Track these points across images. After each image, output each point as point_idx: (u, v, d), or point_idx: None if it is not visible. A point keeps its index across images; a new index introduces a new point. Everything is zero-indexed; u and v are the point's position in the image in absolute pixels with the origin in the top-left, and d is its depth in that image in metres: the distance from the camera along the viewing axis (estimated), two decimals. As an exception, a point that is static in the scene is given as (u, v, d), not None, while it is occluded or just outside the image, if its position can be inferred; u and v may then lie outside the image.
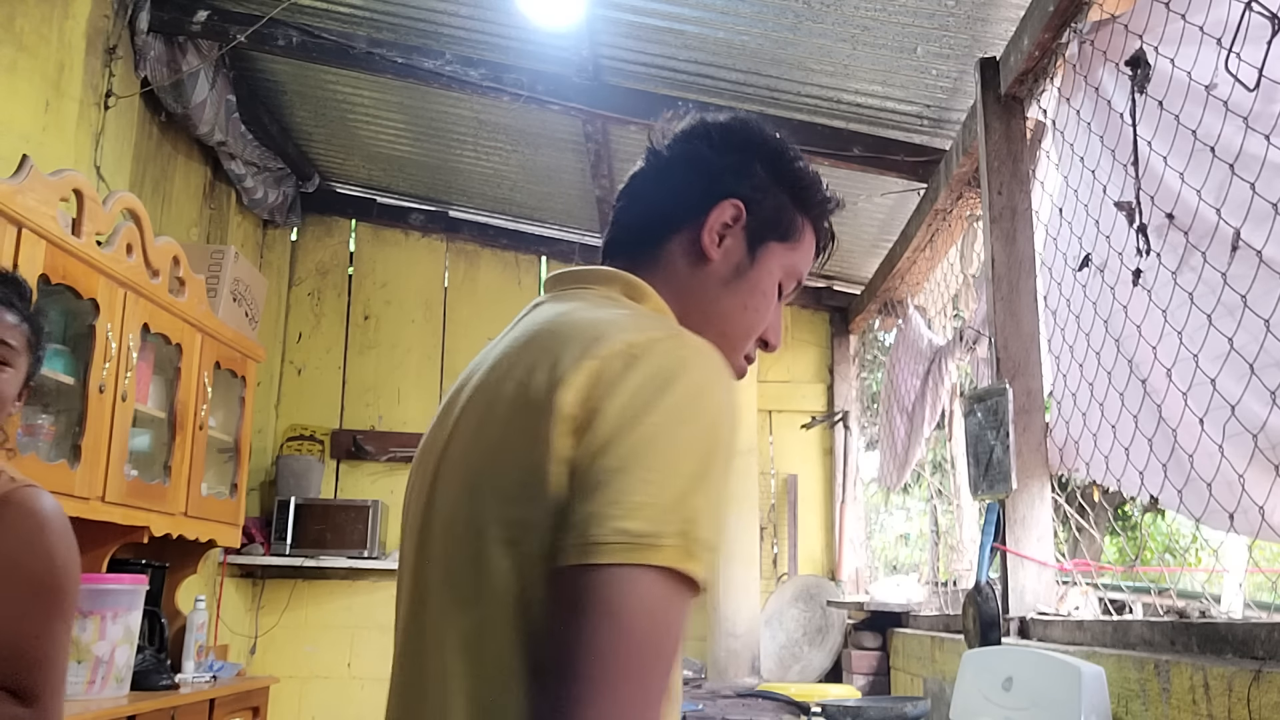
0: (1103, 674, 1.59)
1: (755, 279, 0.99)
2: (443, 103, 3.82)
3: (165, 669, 2.98)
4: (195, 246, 3.78)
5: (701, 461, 0.75)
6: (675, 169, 1.01)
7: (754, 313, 0.99)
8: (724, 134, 1.02)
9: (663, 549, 0.71)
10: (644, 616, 0.70)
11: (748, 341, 1.01)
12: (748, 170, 1.00)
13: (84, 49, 3.10)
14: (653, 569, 0.71)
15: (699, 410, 0.76)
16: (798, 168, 1.02)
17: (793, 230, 1.01)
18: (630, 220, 1.02)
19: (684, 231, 0.98)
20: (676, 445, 0.74)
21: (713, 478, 0.75)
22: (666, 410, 0.75)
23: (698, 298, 0.97)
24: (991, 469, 2.21)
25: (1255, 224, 1.45)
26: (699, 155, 1.01)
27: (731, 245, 0.98)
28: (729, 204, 0.98)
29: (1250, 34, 1.46)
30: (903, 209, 3.60)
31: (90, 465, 2.61)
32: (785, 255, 1.01)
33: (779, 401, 4.76)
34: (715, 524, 0.75)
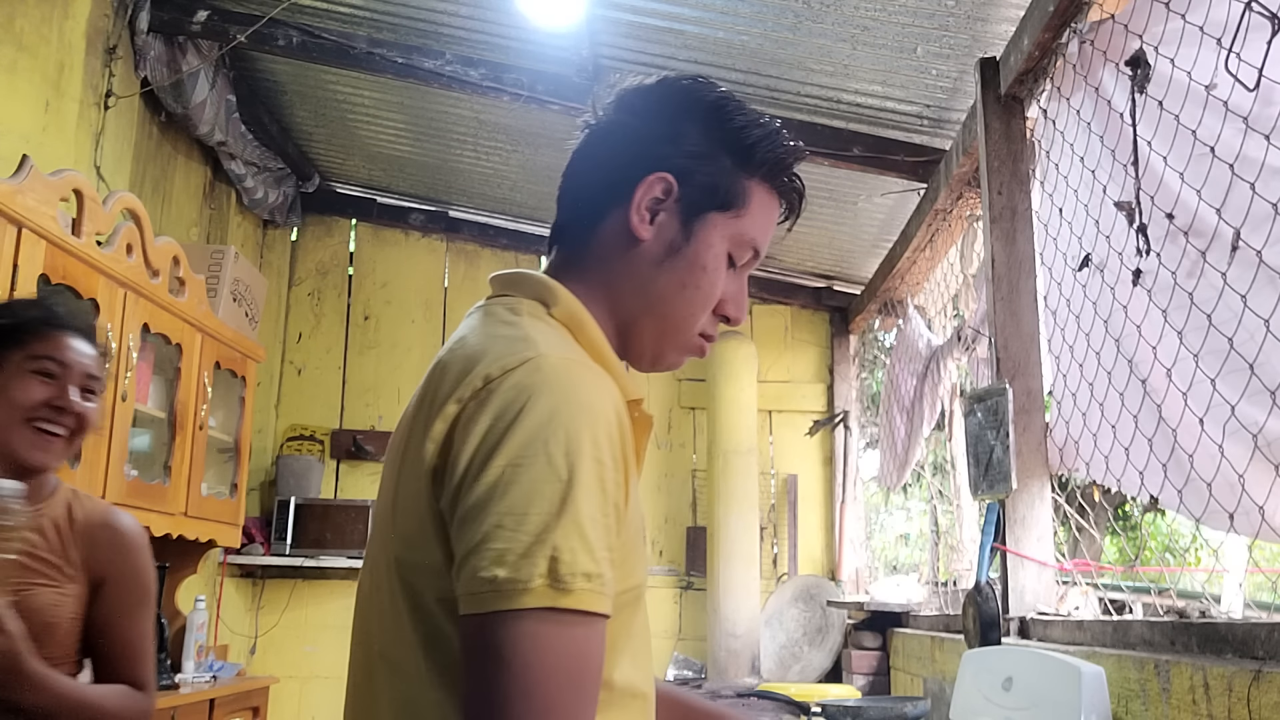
0: (1103, 674, 1.59)
1: (694, 255, 0.92)
2: (443, 103, 3.82)
3: (165, 669, 2.98)
4: (195, 246, 3.78)
5: (560, 491, 0.73)
6: (603, 145, 0.96)
7: (695, 290, 0.93)
8: (650, 100, 0.95)
9: (531, 591, 0.71)
10: (534, 657, 0.71)
11: (695, 321, 0.94)
12: (678, 137, 0.93)
13: (84, 49, 3.10)
14: (531, 611, 0.71)
15: (549, 440, 0.74)
16: (737, 126, 0.93)
17: (736, 197, 0.93)
18: (566, 204, 0.97)
19: (615, 212, 0.93)
20: (527, 483, 0.73)
21: (578, 503, 0.74)
22: (513, 449, 0.74)
23: (632, 282, 0.93)
24: (991, 469, 2.21)
25: (1255, 224, 1.45)
26: (625, 127, 0.95)
27: (665, 221, 0.92)
28: (656, 178, 0.91)
29: (1250, 34, 1.46)
30: (903, 209, 3.60)
31: (90, 465, 2.61)
32: (729, 225, 0.93)
33: (779, 401, 4.76)
34: (593, 547, 0.74)
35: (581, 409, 0.77)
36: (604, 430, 0.77)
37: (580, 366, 0.80)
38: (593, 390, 0.79)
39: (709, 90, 0.95)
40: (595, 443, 0.76)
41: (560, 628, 0.72)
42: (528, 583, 0.72)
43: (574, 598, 0.73)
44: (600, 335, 0.90)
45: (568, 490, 0.74)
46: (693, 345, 0.96)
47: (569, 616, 0.73)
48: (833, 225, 4.06)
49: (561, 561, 0.72)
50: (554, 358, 0.79)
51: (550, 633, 0.72)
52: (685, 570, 4.64)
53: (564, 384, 0.78)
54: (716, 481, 4.34)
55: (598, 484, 0.76)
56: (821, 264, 4.55)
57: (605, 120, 0.97)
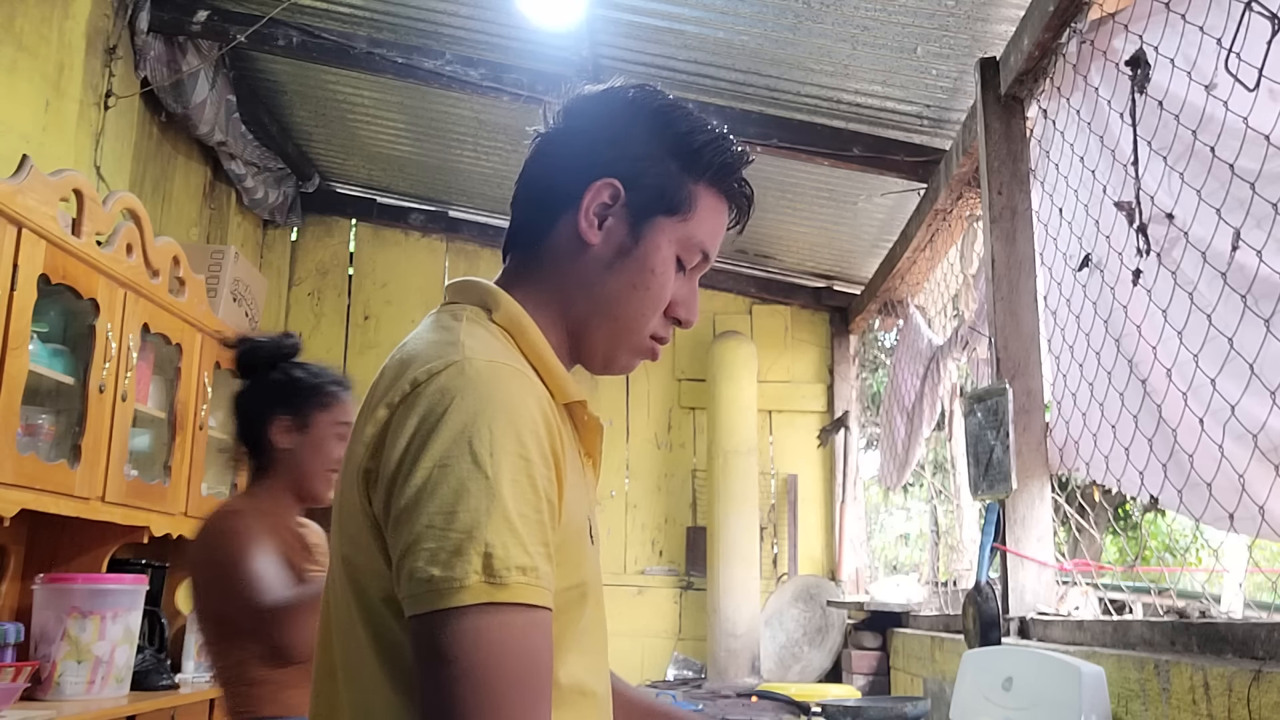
0: (1103, 674, 1.59)
1: (642, 257, 0.94)
2: (443, 103, 3.82)
3: (165, 669, 2.98)
4: (195, 246, 3.78)
5: (487, 489, 0.75)
6: (552, 152, 0.98)
7: (645, 291, 0.94)
8: (598, 107, 0.97)
9: (468, 588, 0.73)
10: (479, 653, 0.73)
11: (645, 322, 0.96)
12: (625, 143, 0.95)
13: (84, 49, 3.10)
14: (470, 608, 0.73)
15: (473, 439, 0.76)
16: (682, 131, 0.96)
17: (682, 202, 0.95)
18: (518, 212, 1.00)
19: (565, 217, 0.95)
20: (454, 483, 0.75)
21: (506, 499, 0.75)
22: (438, 450, 0.76)
23: (582, 286, 0.95)
24: (991, 469, 2.21)
25: (1255, 224, 1.45)
26: (573, 134, 0.97)
27: (613, 225, 0.94)
28: (604, 184, 0.93)
29: (1250, 34, 1.46)
30: (903, 209, 3.60)
31: (90, 465, 2.61)
32: (677, 228, 0.95)
33: (779, 402, 4.76)
34: (525, 541, 0.76)
35: (504, 408, 0.78)
36: (528, 428, 0.79)
37: (505, 368, 0.82)
38: (516, 391, 0.80)
39: (655, 97, 0.98)
40: (520, 440, 0.78)
41: (501, 622, 0.74)
42: (463, 580, 0.73)
43: (510, 591, 0.74)
44: (540, 338, 0.92)
45: (495, 487, 0.75)
46: (644, 347, 0.98)
47: (508, 610, 0.74)
48: (833, 225, 4.06)
49: (495, 557, 0.74)
50: (478, 360, 0.81)
51: (491, 626, 0.73)
52: (685, 570, 4.64)
53: (487, 385, 0.79)
54: (716, 481, 4.34)
55: (526, 480, 0.77)
56: (821, 264, 4.55)
57: (555, 128, 0.98)
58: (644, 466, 4.76)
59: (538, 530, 0.77)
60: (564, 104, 0.99)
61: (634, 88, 0.98)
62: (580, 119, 0.97)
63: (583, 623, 0.89)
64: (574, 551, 0.86)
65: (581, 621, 0.89)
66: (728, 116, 3.25)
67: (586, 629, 0.90)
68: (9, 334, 2.26)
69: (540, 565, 0.76)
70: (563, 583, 0.83)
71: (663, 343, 0.99)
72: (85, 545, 2.82)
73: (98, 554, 2.83)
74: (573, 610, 0.87)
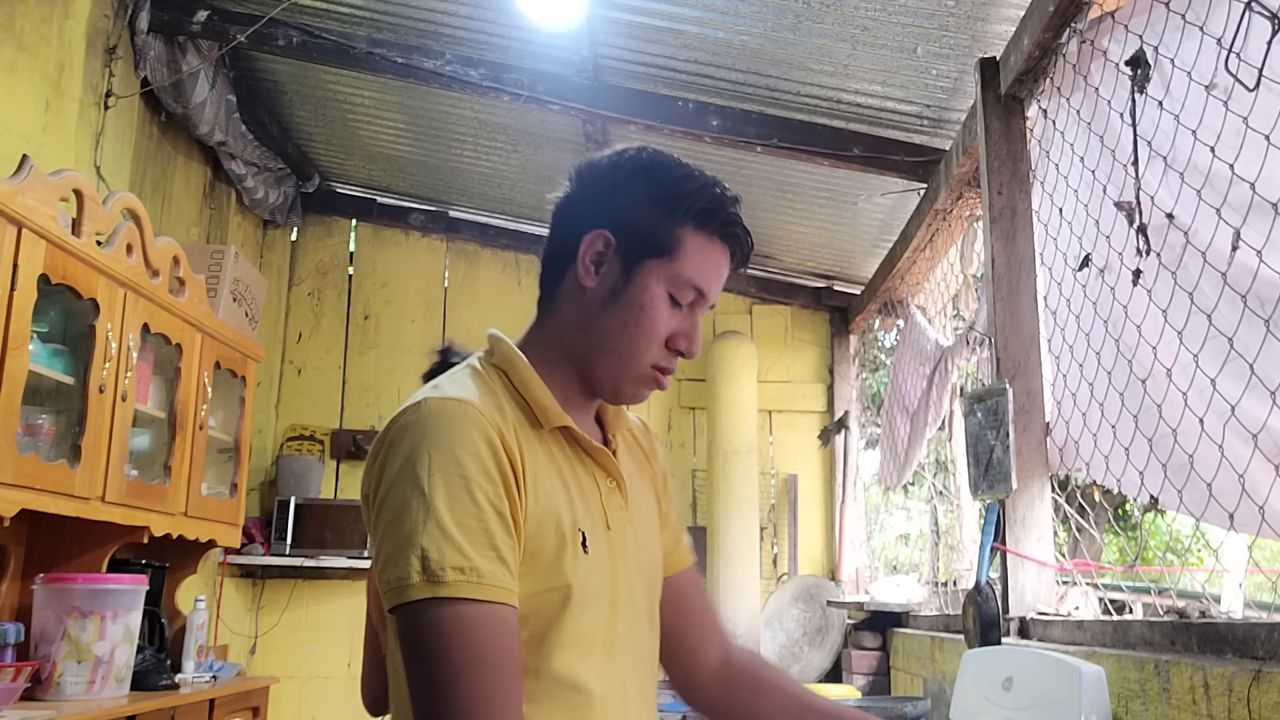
0: (1103, 674, 1.59)
1: (632, 296, 1.04)
2: (443, 103, 3.82)
3: (165, 669, 2.98)
4: (195, 246, 3.77)
5: (423, 504, 0.90)
6: (560, 214, 1.11)
7: (636, 327, 1.04)
8: (596, 170, 1.10)
9: (412, 586, 0.88)
10: (431, 640, 0.87)
11: (640, 354, 1.05)
12: (615, 197, 1.07)
13: (84, 49, 3.10)
14: (419, 602, 0.88)
15: (415, 463, 0.92)
16: (664, 182, 1.06)
17: (668, 245, 1.04)
18: (541, 268, 1.13)
19: (570, 269, 1.07)
20: (399, 501, 0.91)
21: (440, 512, 0.89)
22: (390, 475, 0.93)
23: (583, 324, 1.06)
24: (991, 469, 2.21)
25: (1254, 224, 1.45)
26: (576, 196, 1.10)
27: (608, 270, 1.05)
28: (596, 234, 1.05)
29: (1250, 34, 1.46)
30: (903, 209, 3.60)
31: (90, 465, 2.61)
32: (665, 269, 1.04)
33: (779, 402, 4.76)
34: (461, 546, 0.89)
35: (444, 435, 0.93)
36: (467, 452, 0.92)
37: (454, 404, 0.96)
38: (459, 420, 0.94)
39: (643, 154, 1.09)
40: (458, 462, 0.92)
41: (447, 614, 0.87)
42: (406, 579, 0.88)
43: (448, 588, 0.88)
44: (529, 373, 1.04)
45: (430, 502, 0.90)
46: (646, 377, 1.07)
47: (453, 604, 0.88)
48: (833, 225, 4.06)
49: (430, 559, 0.88)
50: (434, 400, 0.97)
51: (439, 618, 0.87)
52: (685, 570, 4.63)
53: (435, 418, 0.94)
54: (716, 481, 4.34)
55: (465, 495, 0.91)
56: (821, 264, 4.55)
57: (565, 193, 1.12)
58: (644, 466, 4.75)
59: (481, 537, 0.90)
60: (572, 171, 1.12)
61: (631, 150, 1.10)
62: (580, 183, 1.10)
63: (575, 624, 0.99)
64: (549, 558, 0.98)
65: (570, 622, 0.98)
66: (728, 116, 3.25)
67: (583, 631, 0.99)
68: (9, 334, 2.26)
69: (482, 566, 0.89)
70: (539, 585, 0.96)
71: (666, 373, 1.08)
72: (85, 545, 2.82)
73: (98, 554, 2.83)
74: (556, 609, 0.98)
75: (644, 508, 1.16)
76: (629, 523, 1.10)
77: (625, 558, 1.07)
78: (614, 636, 1.03)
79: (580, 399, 1.09)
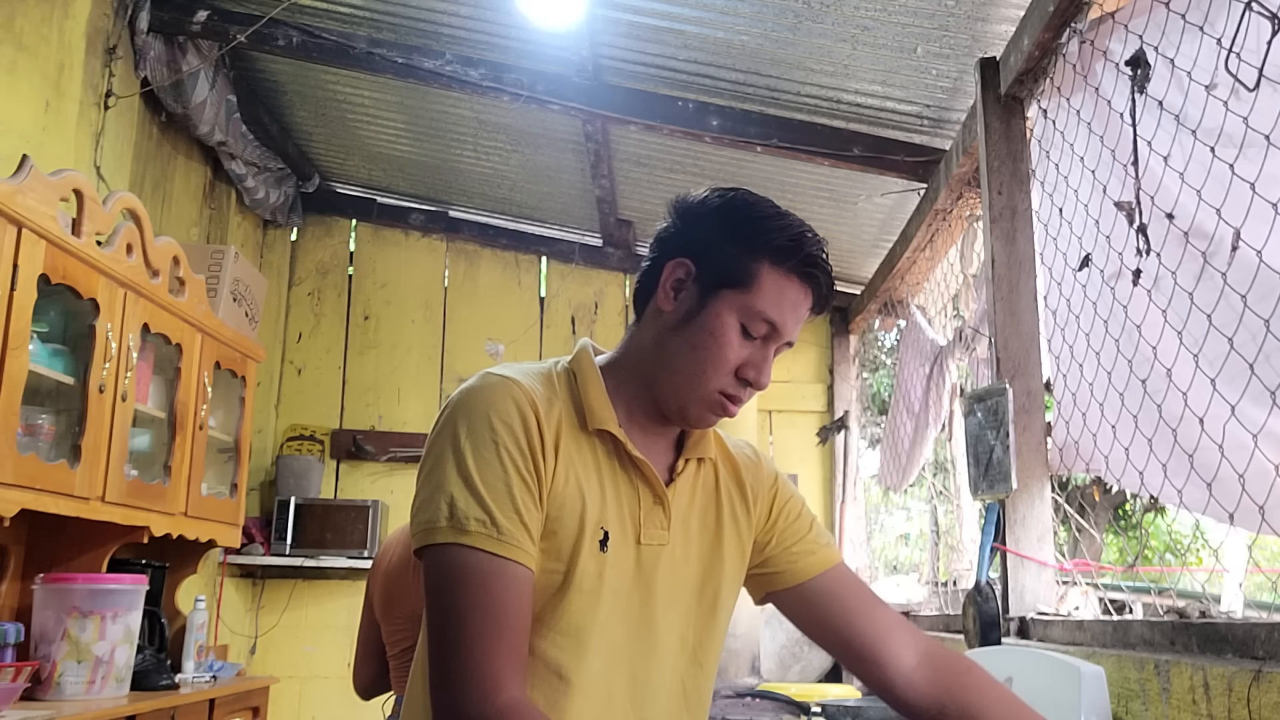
0: (1103, 674, 1.59)
1: (703, 322, 1.09)
2: (443, 103, 3.82)
3: (165, 669, 2.98)
4: (195, 246, 3.77)
5: (454, 458, 1.00)
6: (655, 244, 1.17)
7: (704, 351, 1.09)
8: (686, 204, 1.16)
9: (439, 529, 0.98)
10: (448, 581, 0.97)
11: (705, 378, 1.09)
12: (699, 230, 1.12)
13: (84, 49, 3.10)
14: (444, 545, 0.97)
15: (456, 423, 1.02)
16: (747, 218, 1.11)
17: (746, 277, 1.09)
18: (635, 293, 1.19)
19: (655, 295, 1.14)
20: (436, 455, 1.02)
21: (470, 467, 0.99)
22: (434, 437, 1.04)
23: (656, 345, 1.13)
24: (991, 469, 2.21)
25: (1255, 224, 1.45)
26: (668, 228, 1.16)
27: (685, 297, 1.11)
28: (677, 263, 1.11)
29: (1250, 34, 1.46)
30: (903, 209, 3.60)
31: (90, 465, 2.61)
32: (739, 300, 1.09)
33: (779, 402, 4.76)
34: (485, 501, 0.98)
35: (484, 404, 1.03)
36: (501, 420, 1.02)
37: (501, 380, 1.05)
38: (501, 391, 1.04)
39: (737, 194, 1.14)
40: (492, 428, 1.01)
41: (465, 560, 0.96)
42: (435, 522, 0.98)
43: (471, 536, 0.97)
44: (594, 378, 1.12)
45: (462, 458, 1.00)
46: (712, 401, 1.11)
47: (472, 553, 0.97)
48: (833, 225, 4.06)
49: (457, 507, 0.97)
50: (489, 375, 1.06)
51: (458, 563, 0.97)
52: (685, 570, 4.63)
53: (479, 391, 1.04)
54: (716, 481, 4.33)
55: (495, 457, 1.00)
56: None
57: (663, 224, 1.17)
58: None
59: (504, 497, 0.99)
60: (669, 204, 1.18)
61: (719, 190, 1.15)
62: (674, 214, 1.16)
63: (571, 613, 1.03)
64: (562, 541, 1.04)
65: (566, 609, 1.03)
66: (728, 116, 3.25)
67: (580, 624, 1.03)
68: (9, 334, 2.26)
69: (502, 523, 0.97)
70: (546, 563, 1.03)
71: (735, 401, 1.12)
72: (85, 545, 2.83)
73: (98, 554, 2.83)
74: (551, 591, 1.03)
75: (699, 536, 1.16)
76: (667, 544, 1.11)
77: (654, 575, 1.10)
78: (605, 638, 1.05)
79: (649, 418, 1.14)
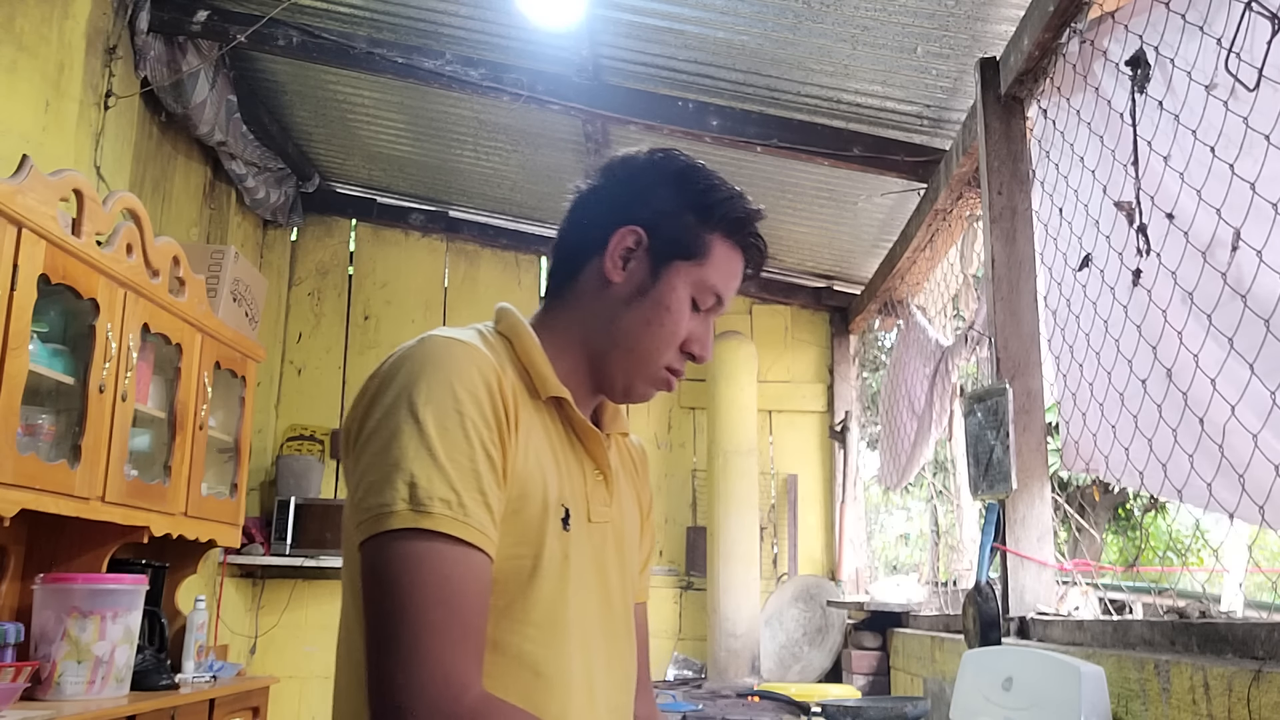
0: (1103, 674, 1.59)
1: (658, 296, 1.04)
2: (443, 103, 3.82)
3: (165, 669, 2.98)
4: (195, 246, 3.77)
5: (416, 431, 0.86)
6: (588, 204, 1.10)
7: (659, 327, 1.04)
8: (630, 167, 1.10)
9: (396, 514, 0.84)
10: (405, 574, 0.83)
11: (659, 354, 1.05)
12: (650, 197, 1.06)
13: (84, 49, 3.10)
14: (400, 531, 0.83)
15: (412, 392, 0.88)
16: (701, 189, 1.07)
17: (698, 248, 1.05)
18: (556, 255, 1.12)
19: (594, 260, 1.07)
20: (391, 428, 0.87)
21: (434, 441, 0.86)
22: (383, 405, 0.89)
23: (602, 318, 1.06)
24: (991, 469, 2.21)
25: (1255, 224, 1.45)
26: (607, 189, 1.09)
27: (635, 268, 1.05)
28: (628, 230, 1.05)
29: (1250, 34, 1.46)
30: (903, 209, 3.60)
31: (90, 465, 2.61)
32: (692, 272, 1.05)
33: (779, 402, 4.76)
34: (451, 479, 0.86)
35: (443, 369, 0.90)
36: (465, 388, 0.90)
37: (456, 343, 0.93)
38: (461, 358, 0.92)
39: (678, 159, 1.09)
40: (455, 396, 0.89)
41: (427, 547, 0.84)
42: (391, 505, 0.84)
43: (433, 520, 0.84)
44: (534, 343, 1.03)
45: (424, 430, 0.86)
46: (659, 378, 1.07)
47: (434, 538, 0.84)
48: (833, 225, 4.06)
49: (419, 486, 0.84)
50: (439, 337, 0.94)
51: (415, 551, 0.83)
52: (685, 570, 4.64)
53: (434, 353, 0.92)
54: (716, 481, 4.34)
55: (459, 431, 0.88)
56: (821, 264, 4.55)
57: (592, 184, 1.11)
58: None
59: (470, 475, 0.87)
60: (602, 165, 1.12)
61: (660, 151, 1.10)
62: (611, 177, 1.10)
63: (543, 600, 0.95)
64: (527, 523, 0.95)
65: (538, 596, 0.95)
66: (728, 116, 3.25)
67: (551, 610, 0.96)
68: (9, 334, 2.26)
69: (469, 504, 0.86)
70: (514, 547, 0.93)
71: (677, 375, 1.09)
72: (85, 545, 2.82)
73: (98, 554, 2.83)
74: (522, 579, 0.94)
75: (629, 515, 1.14)
76: (610, 521, 1.07)
77: (604, 554, 1.05)
78: (576, 624, 0.99)
79: (583, 392, 1.08)
